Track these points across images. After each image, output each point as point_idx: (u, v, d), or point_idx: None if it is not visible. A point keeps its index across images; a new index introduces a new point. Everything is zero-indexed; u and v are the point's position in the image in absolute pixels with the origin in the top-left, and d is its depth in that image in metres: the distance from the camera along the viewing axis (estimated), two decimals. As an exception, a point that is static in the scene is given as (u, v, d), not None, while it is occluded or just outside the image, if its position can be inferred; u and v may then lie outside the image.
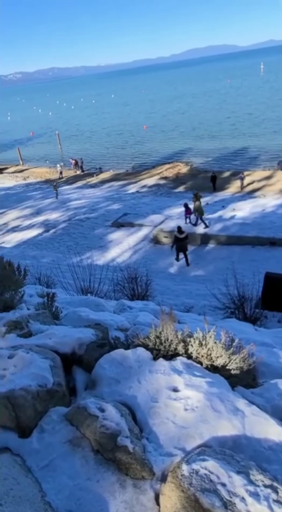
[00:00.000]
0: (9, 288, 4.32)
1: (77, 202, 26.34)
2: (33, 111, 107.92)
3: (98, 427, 1.99)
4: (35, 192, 31.97)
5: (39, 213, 25.35)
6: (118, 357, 2.64)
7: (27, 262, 9.71)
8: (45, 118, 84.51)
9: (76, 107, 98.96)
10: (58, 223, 22.72)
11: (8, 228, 23.48)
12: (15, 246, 20.10)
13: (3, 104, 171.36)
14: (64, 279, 9.45)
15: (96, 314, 3.76)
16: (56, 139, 49.47)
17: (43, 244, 20.20)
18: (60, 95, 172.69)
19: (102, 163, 38.49)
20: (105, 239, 19.23)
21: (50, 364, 2.54)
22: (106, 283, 8.88)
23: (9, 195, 31.64)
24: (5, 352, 2.64)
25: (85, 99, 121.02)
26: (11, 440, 2.09)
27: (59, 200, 27.46)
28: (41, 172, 39.57)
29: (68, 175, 36.02)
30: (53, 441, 2.05)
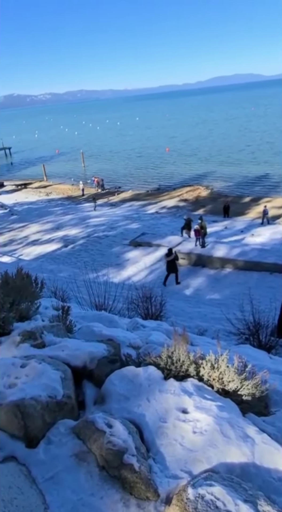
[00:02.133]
0: (26, 299, 4.39)
1: (96, 220, 26.72)
2: (60, 130, 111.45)
3: (105, 442, 1.97)
4: (56, 207, 32.62)
5: (59, 228, 25.78)
6: (129, 374, 2.63)
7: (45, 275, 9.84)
8: (71, 137, 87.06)
9: (102, 128, 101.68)
10: (77, 239, 23.02)
11: (28, 241, 23.93)
12: (34, 259, 20.42)
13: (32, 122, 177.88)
14: (80, 294, 9.52)
15: (109, 330, 3.77)
16: (80, 157, 50.74)
17: (61, 258, 20.45)
18: (86, 116, 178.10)
19: (124, 183, 39.14)
20: (122, 257, 19.34)
21: (61, 376, 2.55)
22: (120, 301, 8.89)
23: (32, 209, 32.40)
24: (18, 361, 2.67)
25: (110, 120, 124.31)
26: (18, 449, 2.10)
27: (79, 217, 27.92)
28: (63, 188, 40.48)
29: (89, 193, 36.70)
30: (60, 453, 2.04)
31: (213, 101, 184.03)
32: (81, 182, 37.26)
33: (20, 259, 20.57)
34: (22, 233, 25.68)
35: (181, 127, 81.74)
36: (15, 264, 17.83)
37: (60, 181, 44.25)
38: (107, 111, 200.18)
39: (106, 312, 5.35)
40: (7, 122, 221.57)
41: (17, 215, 30.60)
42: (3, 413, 2.21)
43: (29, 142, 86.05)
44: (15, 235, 25.59)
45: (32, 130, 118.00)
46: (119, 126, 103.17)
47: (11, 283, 4.44)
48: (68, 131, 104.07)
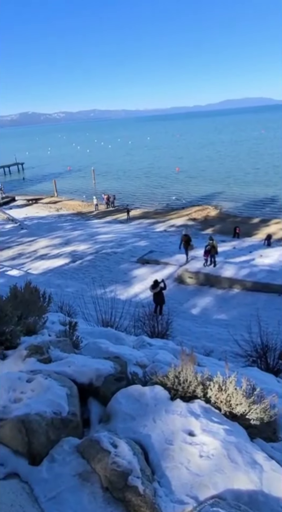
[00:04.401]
0: (33, 313, 4.40)
1: (105, 236, 26.87)
2: (72, 147, 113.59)
3: (109, 463, 1.94)
4: (66, 223, 32.94)
5: (68, 243, 25.95)
6: (135, 393, 2.60)
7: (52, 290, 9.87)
8: (83, 154, 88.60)
9: (113, 147, 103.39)
10: (85, 255, 23.11)
11: (36, 256, 24.08)
12: (42, 274, 20.51)
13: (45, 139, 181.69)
14: (86, 310, 9.50)
15: (116, 347, 3.74)
16: (91, 175, 51.48)
17: (69, 274, 20.50)
18: (99, 134, 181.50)
19: (133, 201, 39.50)
20: (130, 274, 19.33)
21: (67, 392, 2.53)
22: (127, 318, 8.84)
23: (41, 224, 32.75)
24: (24, 375, 2.66)
25: (122, 139, 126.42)
26: (21, 466, 2.06)
27: (88, 233, 28.12)
28: (73, 204, 40.97)
29: (99, 210, 37.08)
30: (63, 472, 2.00)
31: (222, 123, 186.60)
32: (95, 197, 37.71)
33: (28, 273, 20.68)
34: (31, 247, 25.88)
35: (190, 148, 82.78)
36: (23, 277, 17.93)
37: (71, 197, 44.85)
38: (119, 130, 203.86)
39: (113, 329, 5.32)
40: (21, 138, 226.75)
41: (27, 230, 30.94)
42: (8, 428, 2.18)
43: (41, 159, 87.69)
44: (24, 249, 25.80)
45: (45, 147, 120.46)
46: (130, 145, 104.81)
47: (20, 296, 4.46)
48: (80, 148, 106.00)
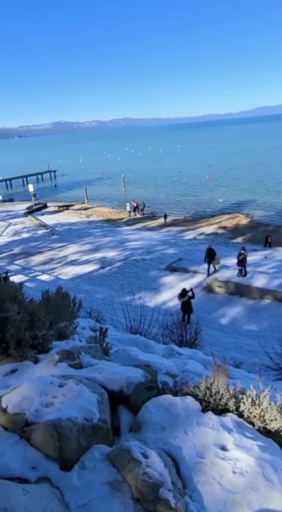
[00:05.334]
0: (64, 318, 4.46)
1: (134, 243, 27.00)
2: (103, 155, 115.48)
3: (140, 473, 1.91)
4: (96, 229, 33.39)
5: (97, 249, 26.27)
6: (166, 403, 2.56)
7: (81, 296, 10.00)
8: (113, 162, 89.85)
9: (144, 154, 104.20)
10: (114, 261, 23.30)
11: (66, 261, 24.53)
12: (71, 279, 20.84)
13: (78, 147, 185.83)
14: (115, 317, 9.55)
15: (145, 356, 3.73)
16: (122, 182, 52.07)
17: (98, 280, 20.72)
18: (129, 142, 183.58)
19: (162, 208, 39.53)
20: (158, 281, 19.29)
21: (98, 399, 2.53)
22: (155, 326, 8.80)
23: (72, 230, 33.37)
24: (56, 380, 2.69)
25: (152, 147, 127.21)
26: (52, 470, 2.08)
27: (117, 240, 28.37)
28: (103, 211, 41.51)
29: (131, 216, 37.39)
30: (93, 480, 2.00)
31: (254, 131, 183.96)
32: (128, 204, 38.12)
33: (58, 278, 21.09)
34: (62, 253, 26.39)
35: (220, 156, 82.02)
36: (53, 282, 18.30)
37: (101, 204, 45.47)
38: (150, 138, 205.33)
39: (142, 337, 5.31)
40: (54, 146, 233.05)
41: (58, 235, 31.60)
42: (40, 432, 2.21)
43: (73, 166, 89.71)
44: (54, 254, 26.34)
45: (77, 155, 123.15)
46: (160, 153, 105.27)
47: (52, 301, 4.53)
48: (111, 156, 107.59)
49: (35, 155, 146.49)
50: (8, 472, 2.02)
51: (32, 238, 31.28)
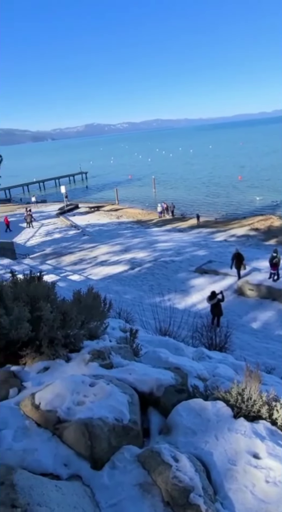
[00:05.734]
0: (95, 318, 4.52)
1: (164, 245, 26.95)
2: (134, 156, 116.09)
3: (170, 477, 1.90)
4: (126, 230, 33.63)
5: (127, 250, 26.43)
6: (197, 407, 2.54)
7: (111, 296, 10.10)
8: (144, 163, 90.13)
9: (174, 155, 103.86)
10: (144, 262, 23.36)
11: (97, 262, 24.84)
12: (101, 279, 21.08)
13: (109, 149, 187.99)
14: (144, 318, 9.56)
15: (175, 358, 3.71)
16: (152, 183, 52.14)
17: (127, 281, 20.84)
18: (160, 143, 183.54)
19: (193, 209, 39.23)
20: (188, 283, 19.14)
21: (128, 400, 2.54)
22: (185, 328, 8.74)
23: (102, 231, 33.78)
24: (87, 379, 2.72)
25: (183, 148, 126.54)
26: (83, 469, 2.11)
27: (147, 241, 28.42)
28: (134, 212, 41.72)
29: (158, 218, 37.38)
30: (124, 480, 2.01)
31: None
32: (159, 205, 38.16)
33: (88, 278, 21.39)
34: (92, 253, 26.76)
35: (253, 156, 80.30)
36: (83, 283, 18.58)
37: (131, 205, 45.73)
38: (181, 139, 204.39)
39: (172, 339, 5.29)
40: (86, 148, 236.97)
41: (89, 236, 32.08)
42: (72, 430, 2.25)
43: (104, 167, 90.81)
44: (85, 254, 26.75)
45: (108, 156, 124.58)
46: (191, 154, 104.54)
47: (83, 301, 4.60)
48: (142, 157, 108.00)
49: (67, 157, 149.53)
50: (41, 468, 2.06)
51: (64, 238, 31.93)
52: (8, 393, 2.75)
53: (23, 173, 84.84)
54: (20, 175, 77.81)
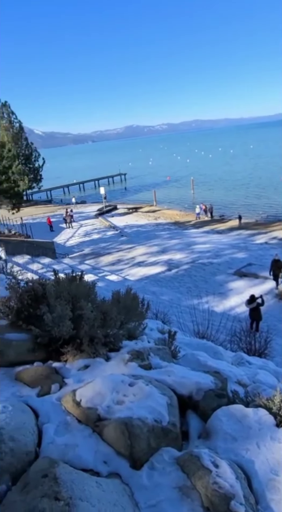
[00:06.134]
0: (134, 319, 4.55)
1: (202, 246, 26.65)
2: (173, 157, 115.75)
3: (211, 482, 1.88)
4: (163, 232, 33.60)
5: (164, 252, 26.40)
6: (238, 413, 2.49)
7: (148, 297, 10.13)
8: (183, 164, 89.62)
9: (214, 156, 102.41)
10: (181, 264, 23.22)
11: (134, 262, 25.02)
12: (138, 280, 21.20)
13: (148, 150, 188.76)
14: (181, 320, 9.50)
15: (214, 362, 3.65)
16: (190, 184, 51.74)
17: (164, 282, 20.81)
18: (200, 144, 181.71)
19: (232, 211, 38.48)
20: (226, 286, 18.80)
21: (168, 401, 2.54)
22: (223, 332, 8.58)
23: (140, 232, 33.97)
24: (127, 379, 2.75)
25: (223, 148, 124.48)
26: (122, 467, 2.13)
27: (185, 242, 28.23)
28: (171, 214, 41.61)
29: (196, 220, 37.02)
30: (163, 482, 2.00)
31: None
32: (197, 206, 37.85)
33: (125, 278, 21.59)
34: (129, 254, 26.99)
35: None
36: (121, 283, 18.78)
37: (169, 207, 45.64)
38: (221, 139, 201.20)
39: (211, 342, 5.22)
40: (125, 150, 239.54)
41: (126, 237, 32.38)
42: (112, 428, 2.28)
43: (143, 169, 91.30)
44: (123, 255, 27.03)
45: (146, 158, 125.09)
46: (231, 154, 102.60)
47: (122, 301, 4.66)
48: (180, 158, 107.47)
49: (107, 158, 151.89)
50: (82, 464, 2.11)
51: (102, 239, 32.46)
52: (50, 389, 2.84)
53: (64, 175, 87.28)
54: (61, 177, 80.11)
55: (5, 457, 2.02)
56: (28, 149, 55.49)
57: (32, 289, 3.71)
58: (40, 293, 3.65)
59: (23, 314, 3.61)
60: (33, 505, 1.61)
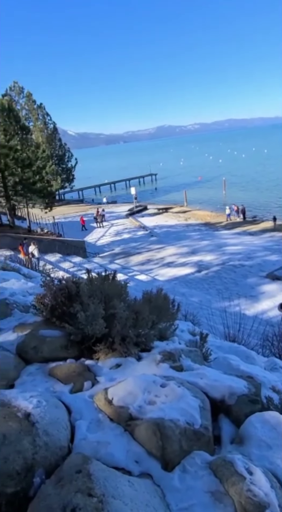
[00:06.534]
0: (165, 319, 4.54)
1: (233, 248, 26.23)
2: (205, 157, 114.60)
3: (244, 490, 1.84)
4: (193, 232, 33.35)
5: (194, 253, 26.20)
6: (272, 420, 2.42)
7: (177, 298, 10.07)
8: (215, 164, 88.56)
9: (247, 156, 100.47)
10: (211, 266, 22.96)
11: (164, 263, 25.00)
12: (167, 281, 21.16)
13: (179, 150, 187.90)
14: (211, 322, 9.38)
15: (247, 366, 3.58)
16: (222, 185, 51.01)
17: (194, 283, 20.66)
18: (232, 144, 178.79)
19: (264, 213, 37.60)
20: (258, 289, 18.40)
21: (200, 404, 2.51)
22: (255, 336, 8.39)
23: (170, 232, 33.89)
24: (158, 379, 2.75)
25: (257, 148, 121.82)
26: (154, 468, 2.12)
27: (215, 243, 27.88)
28: (202, 214, 41.22)
29: (227, 221, 36.45)
30: (195, 486, 1.98)
31: None
32: (228, 207, 37.35)
33: (155, 279, 21.61)
34: (159, 254, 26.98)
35: None
36: (150, 283, 18.80)
37: (200, 207, 45.22)
38: (255, 139, 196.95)
39: (243, 346, 5.12)
40: (156, 150, 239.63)
41: (156, 237, 32.40)
42: (143, 428, 2.28)
43: (174, 169, 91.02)
44: (152, 255, 27.07)
45: (178, 158, 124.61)
46: (266, 154, 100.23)
47: (153, 302, 4.65)
48: (213, 159, 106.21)
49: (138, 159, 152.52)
50: (114, 462, 2.12)
51: (132, 239, 32.65)
52: (83, 386, 2.88)
53: (95, 175, 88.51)
54: (93, 177, 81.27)
55: (39, 450, 2.06)
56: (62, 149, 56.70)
57: (66, 287, 3.78)
58: (74, 292, 3.72)
59: (57, 312, 3.69)
60: (68, 500, 1.64)
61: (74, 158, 59.15)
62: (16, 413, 2.22)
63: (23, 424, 2.14)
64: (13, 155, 30.82)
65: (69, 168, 58.32)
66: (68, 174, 58.01)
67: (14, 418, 2.17)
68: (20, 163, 31.22)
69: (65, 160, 57.70)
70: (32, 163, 32.23)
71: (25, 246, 22.16)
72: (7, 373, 2.99)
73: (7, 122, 33.00)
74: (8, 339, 3.69)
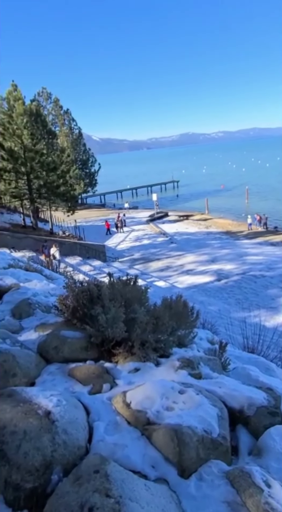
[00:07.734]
0: (184, 327, 4.53)
1: (254, 258, 25.88)
2: (228, 166, 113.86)
3: (262, 502, 1.82)
4: (214, 241, 33.11)
5: (214, 261, 25.99)
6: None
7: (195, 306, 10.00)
8: (238, 173, 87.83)
9: (271, 165, 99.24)
10: (231, 275, 22.71)
11: (183, 270, 24.89)
12: (186, 288, 21.04)
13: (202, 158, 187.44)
14: (229, 332, 9.27)
15: (266, 378, 3.52)
16: (245, 194, 50.53)
17: (213, 292, 20.47)
18: (257, 153, 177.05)
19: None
20: (278, 301, 18.06)
21: (218, 413, 2.50)
22: (274, 349, 8.24)
23: (190, 240, 33.75)
24: (177, 386, 2.75)
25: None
26: (170, 474, 2.12)
27: (236, 253, 27.58)
28: (223, 223, 40.90)
29: (248, 230, 36.02)
30: (211, 494, 1.97)
31: None
32: (249, 217, 36.95)
33: (173, 285, 21.53)
34: (178, 261, 26.89)
35: None
36: (168, 290, 18.75)
37: (221, 216, 44.89)
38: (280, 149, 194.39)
39: (263, 358, 5.04)
40: (179, 157, 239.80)
41: (176, 244, 32.32)
42: (161, 433, 2.29)
43: (196, 177, 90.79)
44: (172, 262, 27.01)
45: (200, 166, 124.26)
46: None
47: (173, 308, 4.66)
48: (236, 167, 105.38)
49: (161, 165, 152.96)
50: (130, 465, 2.14)
51: (152, 245, 32.69)
52: (102, 388, 2.91)
53: (117, 180, 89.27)
54: (115, 182, 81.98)
55: (58, 448, 2.10)
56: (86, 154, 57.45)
57: (88, 290, 3.84)
58: (95, 294, 3.76)
59: (78, 313, 3.74)
60: (86, 499, 1.67)
61: (98, 163, 59.87)
62: (37, 410, 2.27)
63: (43, 421, 2.19)
64: (39, 158, 31.53)
65: (92, 173, 59.10)
66: (91, 179, 58.77)
67: (35, 416, 2.21)
68: (45, 166, 31.88)
69: (88, 164, 58.51)
70: (57, 167, 32.84)
71: (47, 248, 22.55)
72: (28, 371, 3.05)
73: (34, 127, 33.81)
74: (30, 338, 3.77)
